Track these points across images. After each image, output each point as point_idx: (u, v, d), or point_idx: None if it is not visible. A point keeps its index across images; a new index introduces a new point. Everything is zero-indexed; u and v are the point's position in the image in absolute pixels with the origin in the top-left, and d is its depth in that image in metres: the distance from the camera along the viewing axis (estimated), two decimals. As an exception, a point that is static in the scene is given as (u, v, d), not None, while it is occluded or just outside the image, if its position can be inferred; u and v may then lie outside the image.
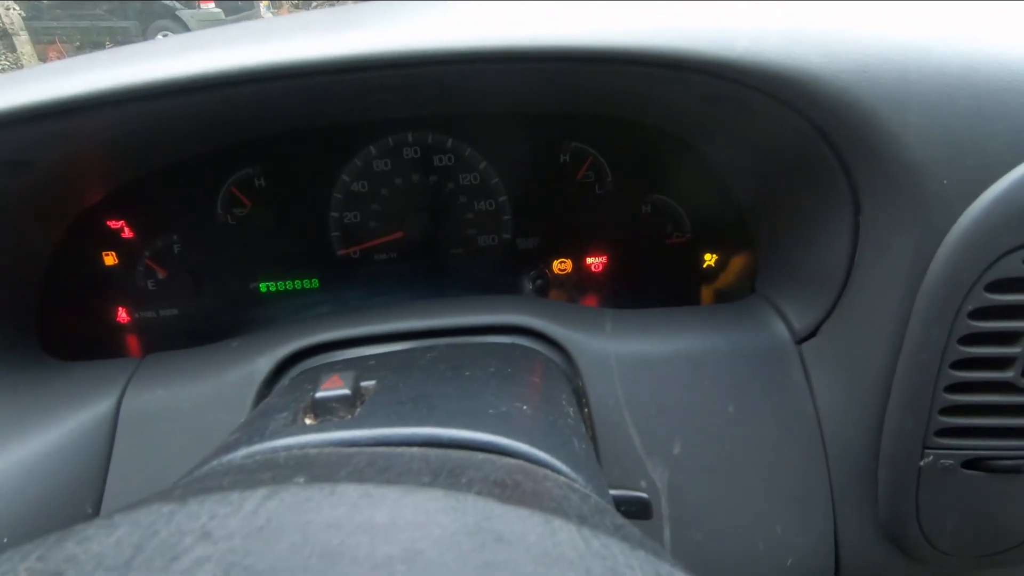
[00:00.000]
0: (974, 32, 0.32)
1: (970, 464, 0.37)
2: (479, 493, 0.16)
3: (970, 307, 0.33)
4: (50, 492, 0.38)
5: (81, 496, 0.38)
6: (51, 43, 6.81)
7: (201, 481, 0.19)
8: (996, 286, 0.33)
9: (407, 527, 0.14)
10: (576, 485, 0.22)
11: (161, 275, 0.55)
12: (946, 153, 0.32)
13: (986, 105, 0.31)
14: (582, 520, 0.16)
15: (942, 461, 0.37)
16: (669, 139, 0.51)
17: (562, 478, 0.22)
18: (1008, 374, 0.35)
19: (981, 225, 0.32)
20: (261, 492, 0.14)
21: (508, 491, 0.17)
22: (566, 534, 0.14)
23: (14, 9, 5.87)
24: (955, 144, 0.32)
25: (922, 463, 0.37)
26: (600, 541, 0.14)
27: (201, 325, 0.56)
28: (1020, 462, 0.37)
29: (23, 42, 5.97)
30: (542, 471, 0.22)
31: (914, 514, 0.38)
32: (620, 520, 0.19)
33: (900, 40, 0.32)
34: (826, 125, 0.35)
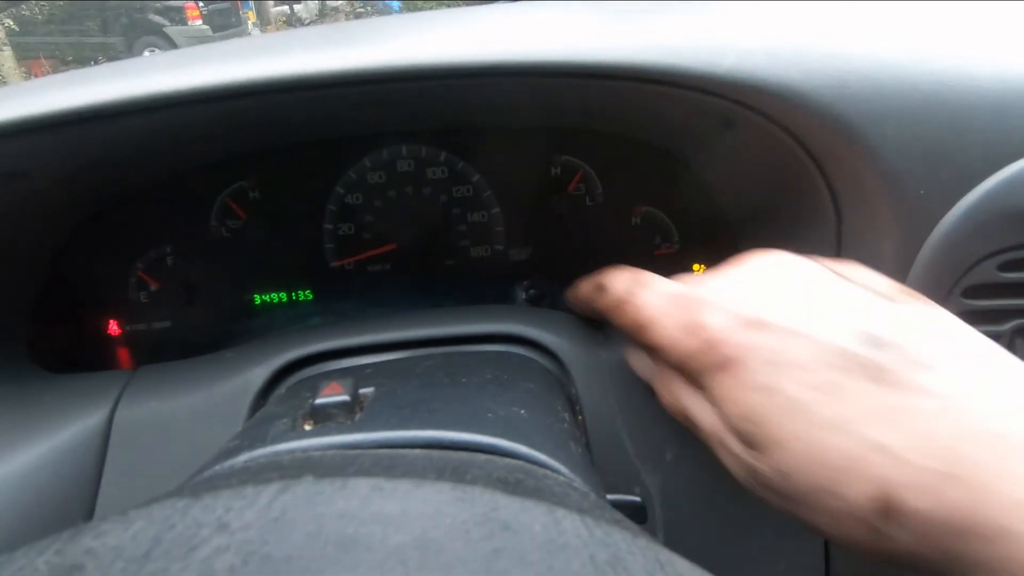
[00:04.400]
0: (945, 50, 0.34)
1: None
2: (485, 487, 0.16)
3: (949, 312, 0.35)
4: (41, 506, 0.37)
5: (73, 510, 0.38)
6: (36, 59, 6.78)
7: (210, 481, 0.19)
8: (972, 292, 0.34)
9: (418, 517, 0.14)
10: (575, 484, 0.22)
11: (154, 287, 0.55)
12: (922, 165, 0.34)
13: (958, 119, 0.33)
14: (584, 512, 0.16)
15: (927, 463, 0.38)
16: (658, 152, 0.53)
17: (561, 477, 0.22)
18: (987, 377, 0.36)
19: (956, 234, 0.34)
20: (274, 486, 0.15)
21: (511, 487, 0.18)
22: (570, 523, 0.15)
23: (0, 24, 5.84)
24: (931, 156, 0.33)
25: (908, 465, 0.38)
26: (603, 529, 0.15)
27: (195, 337, 0.56)
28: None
29: (6, 57, 5.93)
30: (542, 471, 0.22)
31: (901, 516, 0.39)
32: (619, 515, 0.19)
33: (876, 57, 0.34)
34: (809, 139, 0.36)
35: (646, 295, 0.32)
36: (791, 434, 0.24)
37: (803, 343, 0.25)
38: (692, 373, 0.29)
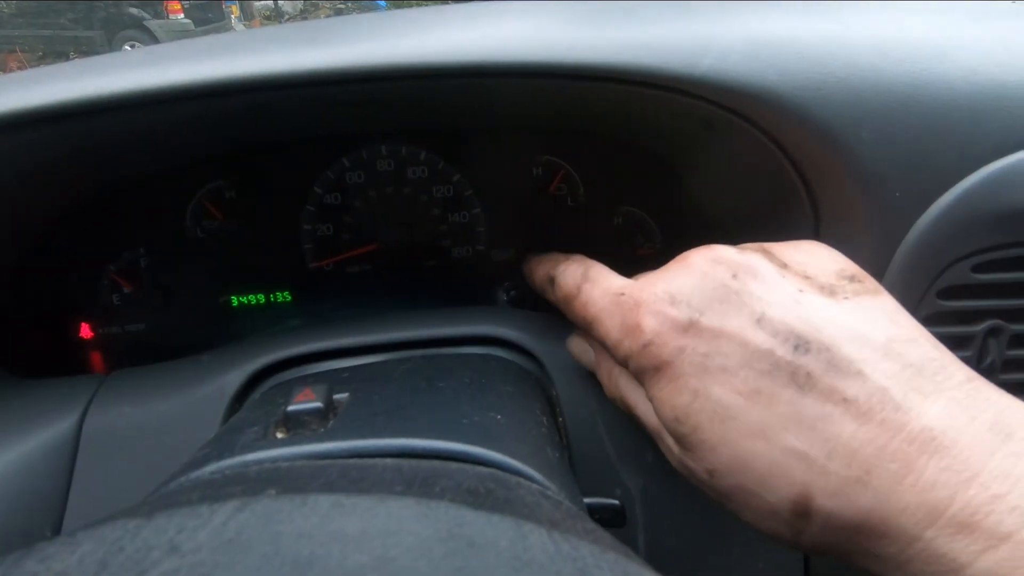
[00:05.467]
0: (921, 52, 0.34)
1: (929, 465, 0.38)
2: (451, 501, 0.16)
3: (923, 313, 0.35)
4: (7, 516, 0.36)
5: (40, 520, 0.37)
6: (11, 52, 6.62)
7: (169, 497, 0.18)
8: (946, 292, 0.35)
9: (378, 535, 0.14)
10: (549, 492, 0.22)
11: (127, 289, 0.53)
12: (898, 167, 0.34)
13: (933, 122, 0.33)
14: (553, 525, 0.16)
15: (903, 462, 0.39)
16: (639, 153, 0.52)
17: (535, 485, 0.22)
18: (961, 377, 0.36)
19: (931, 235, 0.34)
20: (231, 505, 0.14)
21: (480, 499, 0.17)
22: (537, 538, 0.15)
23: (-28, 17, 5.69)
24: (906, 158, 0.34)
25: (884, 464, 0.38)
26: (570, 544, 0.15)
27: (169, 340, 0.55)
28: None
29: (-20, 50, 5.78)
30: (515, 479, 0.22)
31: (878, 515, 0.40)
32: (591, 525, 0.19)
33: (853, 60, 0.34)
34: (786, 140, 0.36)
35: (593, 292, 0.33)
36: (718, 437, 0.25)
37: (732, 346, 0.26)
38: (633, 371, 0.30)
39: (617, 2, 0.41)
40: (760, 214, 0.44)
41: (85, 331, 0.54)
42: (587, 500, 0.36)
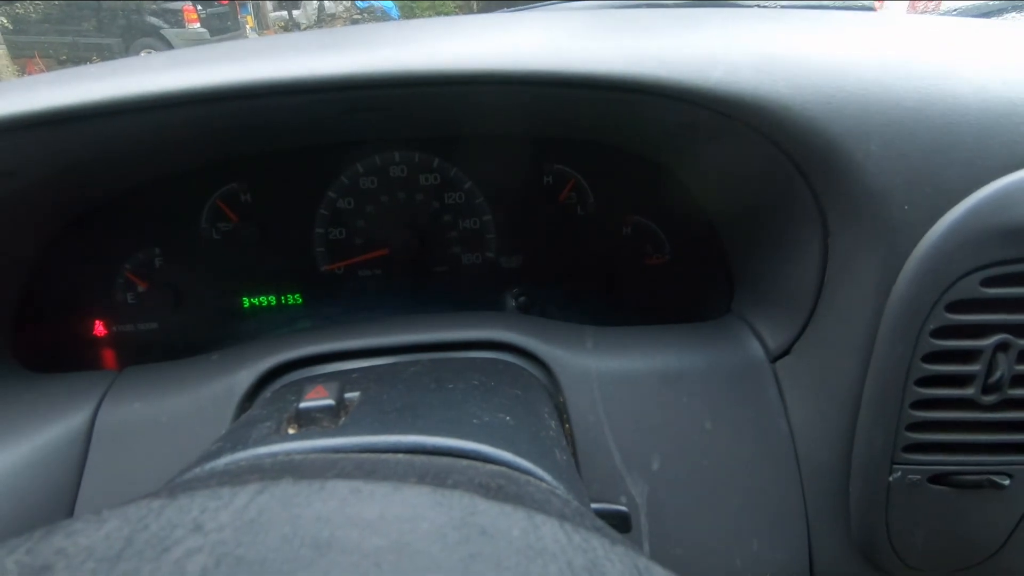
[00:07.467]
0: (929, 68, 0.35)
1: (937, 479, 0.38)
2: (464, 492, 0.16)
3: (932, 326, 0.35)
4: (20, 506, 0.37)
5: (52, 511, 0.37)
6: (31, 57, 6.75)
7: (188, 482, 0.19)
8: (955, 306, 0.35)
9: (395, 521, 0.14)
10: (557, 491, 0.22)
11: (141, 288, 0.54)
12: (906, 181, 0.34)
13: (940, 137, 0.33)
14: (563, 518, 0.16)
15: (910, 476, 0.38)
16: (649, 163, 0.53)
17: (543, 484, 0.22)
18: (969, 391, 0.36)
19: (940, 249, 0.34)
20: (252, 488, 0.15)
21: (492, 492, 0.18)
22: (548, 529, 0.15)
23: (-5, 22, 5.81)
24: (914, 172, 0.34)
25: (891, 478, 0.38)
26: (581, 535, 0.15)
27: (181, 339, 0.55)
28: (983, 477, 0.38)
29: (0, 55, 5.89)
30: (524, 477, 0.22)
31: (884, 529, 0.39)
32: (599, 522, 0.19)
33: (862, 75, 0.34)
34: (795, 153, 0.37)
35: None
36: None
37: None
38: None
39: (629, 14, 0.42)
40: (769, 225, 0.45)
41: (99, 328, 0.54)
42: (593, 506, 0.36)
